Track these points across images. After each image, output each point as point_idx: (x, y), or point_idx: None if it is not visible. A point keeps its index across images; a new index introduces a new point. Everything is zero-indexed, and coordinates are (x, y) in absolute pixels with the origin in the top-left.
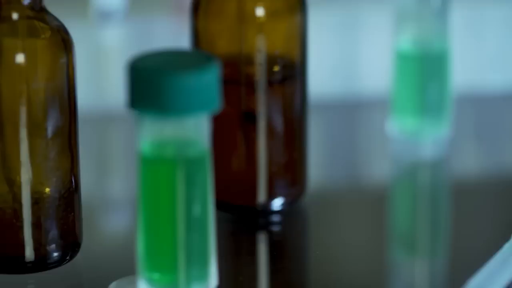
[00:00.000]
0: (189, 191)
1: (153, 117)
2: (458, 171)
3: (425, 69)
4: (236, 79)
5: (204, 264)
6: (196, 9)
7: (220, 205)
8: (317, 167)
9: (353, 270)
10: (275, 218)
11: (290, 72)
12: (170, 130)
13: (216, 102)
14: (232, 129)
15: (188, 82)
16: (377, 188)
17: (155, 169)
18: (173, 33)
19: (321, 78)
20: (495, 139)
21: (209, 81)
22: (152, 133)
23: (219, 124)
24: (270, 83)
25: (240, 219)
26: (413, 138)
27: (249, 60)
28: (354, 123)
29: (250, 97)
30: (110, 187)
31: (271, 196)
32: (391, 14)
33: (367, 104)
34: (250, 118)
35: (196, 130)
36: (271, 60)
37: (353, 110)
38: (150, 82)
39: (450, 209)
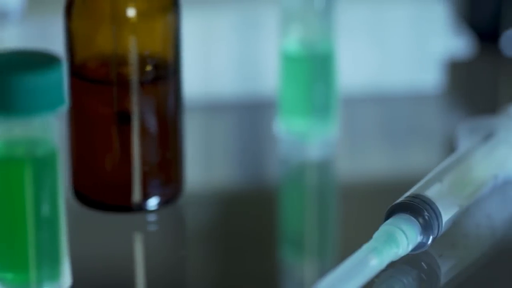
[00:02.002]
0: (38, 191)
1: None
2: (346, 171)
3: (311, 70)
4: (110, 79)
5: (56, 263)
6: (69, 9)
7: (96, 205)
8: (202, 166)
9: (229, 270)
10: (151, 217)
11: (163, 72)
12: (18, 130)
13: (62, 102)
14: (106, 129)
15: (32, 82)
16: (262, 188)
17: (4, 169)
18: None
19: (219, 79)
20: (388, 140)
21: (54, 80)
22: (0, 133)
23: (93, 125)
24: (143, 83)
25: (116, 218)
26: (301, 139)
27: (122, 60)
28: (246, 124)
29: (124, 97)
30: None
31: (145, 195)
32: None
33: (265, 104)
34: (124, 118)
35: (44, 130)
36: (143, 60)
37: (247, 110)
38: None
39: (337, 210)
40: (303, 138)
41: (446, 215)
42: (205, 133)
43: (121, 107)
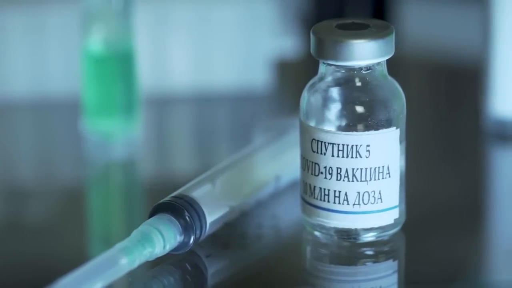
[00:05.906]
0: None
1: None
2: (150, 171)
3: (112, 70)
4: None
5: None
6: None
7: None
8: (3, 166)
9: (25, 269)
10: None
11: None
12: None
13: None
14: None
15: None
16: (65, 189)
17: None
18: None
19: (47, 78)
20: (201, 140)
21: None
22: None
23: None
24: None
25: None
26: (105, 138)
27: None
28: (47, 124)
29: None
30: None
31: None
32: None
33: (61, 105)
34: None
35: None
36: None
37: (45, 111)
38: None
39: (142, 207)
40: (107, 137)
41: (212, 216)
42: (8, 134)
43: None
